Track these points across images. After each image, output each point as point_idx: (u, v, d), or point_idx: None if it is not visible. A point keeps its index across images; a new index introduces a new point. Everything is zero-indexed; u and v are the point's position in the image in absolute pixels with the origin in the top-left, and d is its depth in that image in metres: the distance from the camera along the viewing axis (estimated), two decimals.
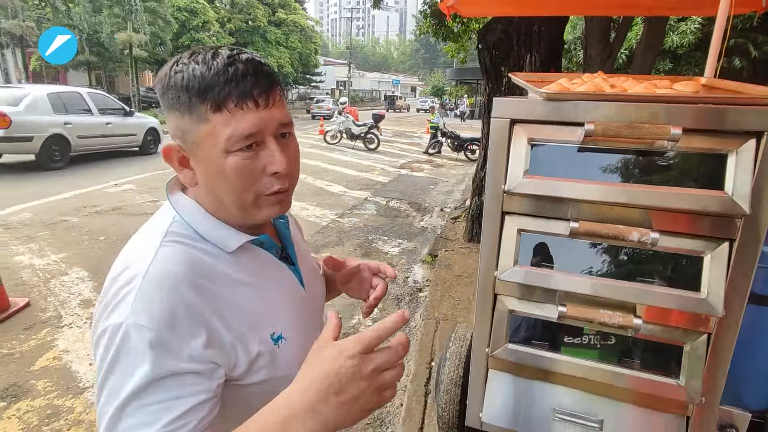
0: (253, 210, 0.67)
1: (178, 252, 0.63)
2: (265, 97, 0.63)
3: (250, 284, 0.69)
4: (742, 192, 1.08)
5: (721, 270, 1.14)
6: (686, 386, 1.20)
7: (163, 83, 0.63)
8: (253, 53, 0.66)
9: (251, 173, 0.64)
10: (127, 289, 0.59)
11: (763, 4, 2.64)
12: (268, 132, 0.64)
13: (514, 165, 1.28)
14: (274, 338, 0.69)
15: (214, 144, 0.62)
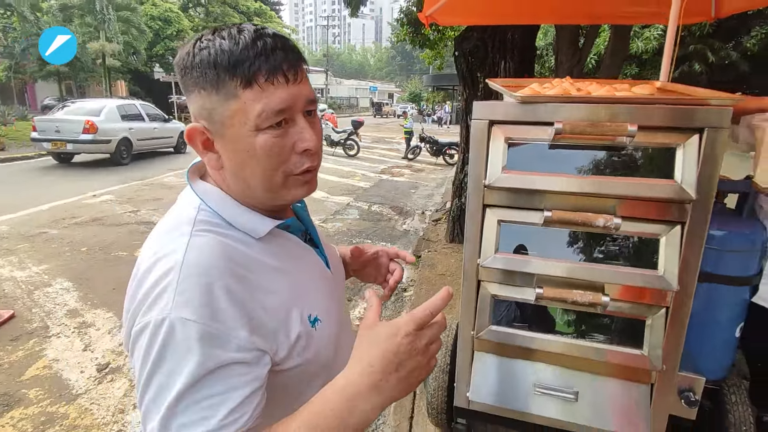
0: (282, 191, 0.66)
1: (211, 242, 0.61)
2: (294, 72, 0.61)
3: (283, 269, 0.68)
4: (689, 180, 1.24)
5: (675, 250, 1.29)
6: (649, 355, 1.34)
7: (185, 62, 0.61)
8: (275, 29, 0.64)
9: (281, 151, 0.62)
10: (165, 282, 0.56)
11: (712, 14, 2.88)
12: (297, 108, 0.63)
13: (493, 162, 1.41)
14: (311, 320, 0.68)
15: (245, 121, 0.59)
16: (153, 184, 8.38)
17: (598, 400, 1.44)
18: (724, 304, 1.60)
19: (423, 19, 3.13)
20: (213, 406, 0.54)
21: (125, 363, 2.87)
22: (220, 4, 28.25)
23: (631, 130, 1.23)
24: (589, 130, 1.27)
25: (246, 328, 0.58)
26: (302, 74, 0.63)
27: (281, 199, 0.67)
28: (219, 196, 0.67)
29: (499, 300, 1.51)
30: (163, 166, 10.61)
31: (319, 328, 0.69)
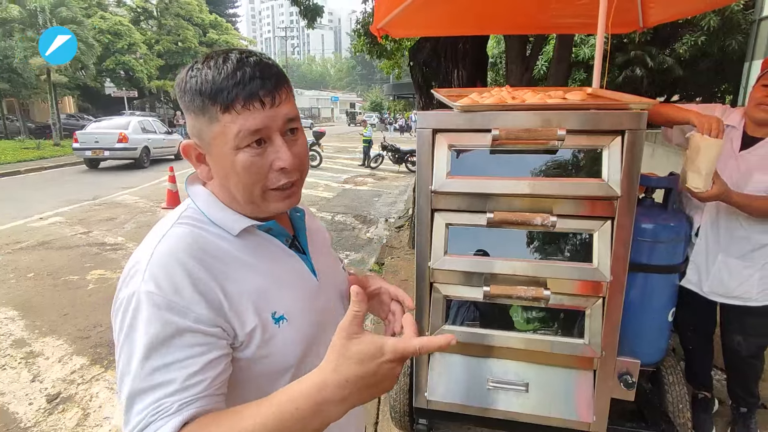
0: (262, 203, 0.72)
1: (185, 231, 0.70)
2: (271, 97, 0.67)
3: (254, 265, 0.73)
4: (615, 178, 1.34)
5: (607, 243, 1.39)
6: (590, 343, 1.44)
7: (180, 87, 0.70)
8: (262, 55, 0.71)
9: (259, 169, 0.69)
10: (139, 265, 0.66)
11: (640, 24, 3.11)
12: (274, 128, 0.69)
13: (438, 168, 1.48)
14: (275, 317, 0.72)
15: (225, 141, 0.67)
16: (105, 204, 8.05)
17: (547, 390, 1.52)
18: (656, 291, 1.73)
19: (375, 31, 3.21)
20: (175, 370, 0.60)
21: (77, 391, 2.75)
22: (173, 16, 27.61)
23: (561, 134, 1.33)
24: (523, 135, 1.36)
25: (204, 306, 0.64)
26: (281, 97, 0.69)
27: (263, 210, 0.74)
28: (206, 197, 0.76)
29: (451, 300, 1.57)
30: (116, 183, 10.20)
31: (284, 327, 0.72)
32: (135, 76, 24.70)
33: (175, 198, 7.50)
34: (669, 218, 1.71)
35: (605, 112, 1.36)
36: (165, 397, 0.59)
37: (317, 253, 0.87)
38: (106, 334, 3.38)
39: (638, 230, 1.68)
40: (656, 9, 2.97)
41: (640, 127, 1.32)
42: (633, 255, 1.65)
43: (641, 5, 2.96)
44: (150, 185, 9.98)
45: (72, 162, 13.86)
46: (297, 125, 0.73)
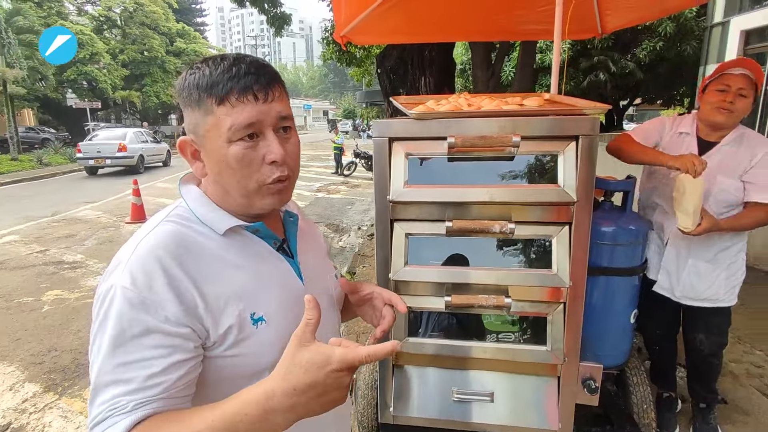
0: (256, 197, 0.74)
1: (171, 229, 0.71)
2: (265, 92, 0.70)
3: (237, 265, 0.74)
4: (570, 184, 1.34)
5: (565, 249, 1.39)
6: (552, 350, 1.43)
7: (180, 85, 0.72)
8: (259, 57, 0.74)
9: (252, 161, 0.70)
10: (121, 259, 0.68)
11: (599, 31, 3.19)
12: (267, 123, 0.71)
13: (395, 177, 1.45)
14: (253, 318, 0.72)
15: (219, 134, 0.69)
16: (65, 220, 7.71)
17: (512, 399, 1.50)
18: (618, 293, 1.74)
19: (338, 39, 3.18)
20: (137, 369, 0.61)
21: (29, 421, 2.58)
22: (138, 25, 26.94)
23: (515, 140, 1.32)
24: (478, 142, 1.35)
25: (176, 305, 0.65)
26: (274, 94, 0.72)
27: (255, 205, 0.75)
28: (197, 196, 0.77)
29: (414, 312, 1.54)
30: (77, 198, 9.80)
31: (261, 328, 0.72)
32: (98, 87, 23.92)
33: (139, 212, 7.25)
34: (628, 221, 1.73)
35: (559, 117, 1.36)
36: (123, 395, 0.60)
37: (308, 258, 0.87)
38: (61, 359, 3.20)
39: (598, 234, 1.69)
40: (613, 16, 3.05)
41: (593, 132, 1.33)
42: (593, 258, 1.66)
43: (599, 13, 3.04)
44: (114, 199, 9.64)
45: (31, 177, 13.31)
46: (290, 124, 0.75)
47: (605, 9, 3.00)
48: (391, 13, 2.83)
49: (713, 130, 1.81)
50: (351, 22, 2.88)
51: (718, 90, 1.76)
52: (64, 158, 17.53)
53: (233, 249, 0.74)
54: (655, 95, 17.83)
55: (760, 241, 4.32)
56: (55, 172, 14.57)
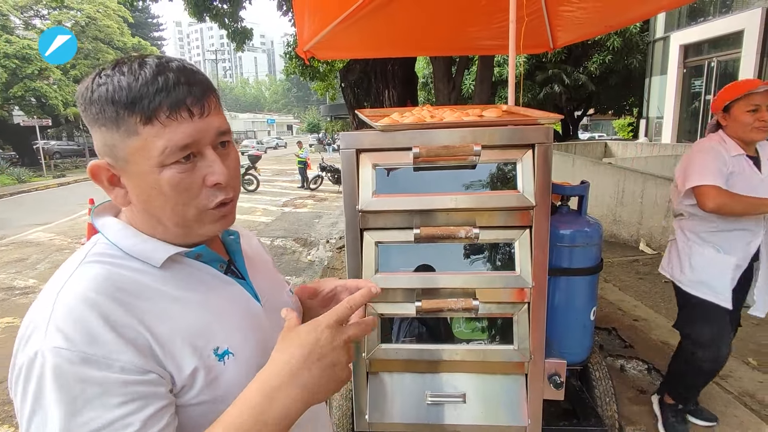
0: (196, 226, 0.64)
1: (95, 271, 0.59)
2: (200, 106, 0.60)
3: (185, 298, 0.64)
4: (529, 189, 1.42)
5: (527, 251, 1.46)
6: (519, 349, 1.49)
7: (84, 97, 0.60)
8: (184, 60, 0.63)
9: (190, 186, 0.61)
10: (39, 316, 0.54)
11: (551, 46, 3.37)
12: (205, 142, 0.61)
13: (363, 188, 1.48)
14: (218, 354, 0.63)
15: (147, 158, 0.58)
16: (15, 243, 7.28)
17: (483, 398, 1.55)
18: (578, 292, 1.83)
19: (302, 53, 3.22)
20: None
21: None
22: (91, 40, 26.04)
23: (476, 149, 1.38)
24: (442, 152, 1.41)
25: (131, 352, 0.54)
26: (210, 107, 0.62)
27: (195, 234, 0.66)
28: (118, 227, 0.66)
29: (386, 318, 1.57)
30: (26, 220, 9.28)
31: (229, 362, 0.64)
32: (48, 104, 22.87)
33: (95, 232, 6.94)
34: (584, 223, 1.84)
35: (516, 127, 1.44)
36: None
37: (258, 276, 0.79)
38: None
39: (557, 236, 1.79)
40: (563, 32, 3.24)
41: (548, 140, 1.42)
42: (554, 260, 1.75)
43: (550, 28, 3.22)
44: (67, 220, 9.19)
45: None
46: (228, 138, 0.66)
47: (556, 25, 3.18)
48: (354, 29, 2.90)
49: (747, 145, 1.94)
50: (314, 37, 2.93)
51: (750, 111, 1.86)
52: (11, 179, 16.59)
53: (176, 281, 0.65)
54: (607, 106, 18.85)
55: None
56: (1, 194, 13.76)
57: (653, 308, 3.70)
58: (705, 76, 10.93)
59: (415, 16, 3.02)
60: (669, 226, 5.03)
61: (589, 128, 35.14)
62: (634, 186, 5.46)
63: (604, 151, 11.26)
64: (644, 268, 4.73)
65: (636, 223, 5.47)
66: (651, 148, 10.34)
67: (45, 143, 19.12)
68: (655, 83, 12.67)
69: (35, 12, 25.63)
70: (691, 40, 11.28)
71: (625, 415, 2.18)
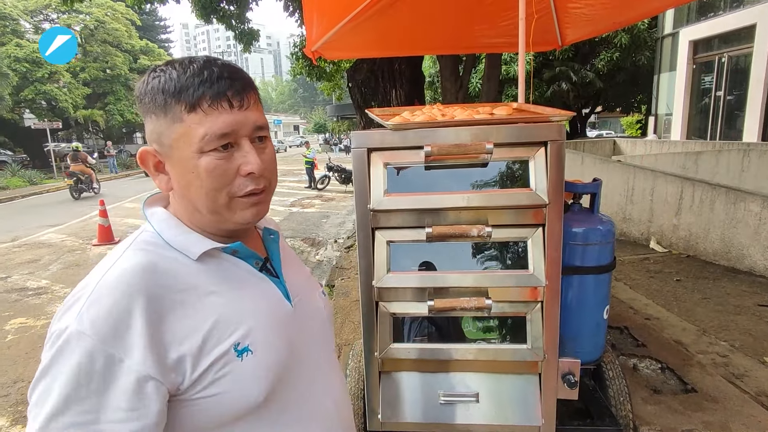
0: (227, 212, 0.66)
1: (137, 259, 0.62)
2: (240, 99, 0.64)
3: (216, 292, 0.66)
4: (542, 187, 1.41)
5: (540, 249, 1.45)
6: (532, 348, 1.48)
7: (140, 89, 0.65)
8: (230, 61, 0.67)
9: (225, 173, 0.64)
10: (80, 293, 0.58)
11: (559, 43, 3.35)
12: (242, 133, 0.64)
13: (375, 187, 1.48)
14: (237, 350, 0.64)
15: (189, 144, 0.62)
16: (27, 245, 7.37)
17: (496, 398, 1.54)
18: (591, 291, 1.82)
19: (309, 54, 3.23)
20: None
21: None
22: (100, 43, 26.30)
23: (489, 147, 1.38)
24: (454, 150, 1.40)
25: (144, 352, 0.56)
26: (250, 101, 0.66)
27: (227, 221, 0.68)
28: (164, 217, 0.69)
29: (398, 317, 1.56)
30: (39, 222, 9.40)
31: (247, 359, 0.64)
32: (59, 106, 23.13)
33: (107, 233, 7.01)
34: (597, 222, 1.82)
35: (528, 125, 1.43)
36: None
37: (292, 275, 0.80)
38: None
39: (569, 234, 1.77)
40: (571, 29, 3.22)
41: (560, 137, 1.40)
42: (566, 259, 1.73)
43: (558, 26, 3.20)
44: (78, 221, 9.28)
45: None
46: (266, 134, 0.69)
47: (564, 23, 3.16)
48: (362, 28, 2.90)
49: None
50: (322, 37, 2.93)
51: None
52: (23, 181, 16.79)
53: (210, 274, 0.67)
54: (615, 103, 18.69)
55: (718, 236, 4.57)
56: (13, 196, 13.93)
57: (665, 307, 3.66)
58: (715, 72, 10.80)
59: (422, 14, 3.01)
60: (680, 224, 4.98)
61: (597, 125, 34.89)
62: (644, 183, 5.41)
63: (613, 149, 11.17)
64: (655, 266, 4.67)
65: (646, 221, 5.42)
66: (660, 146, 10.24)
67: (56, 145, 19.29)
68: (663, 80, 12.55)
69: (45, 16, 25.93)
70: (700, 35, 11.15)
71: (639, 415, 2.15)
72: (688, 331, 3.16)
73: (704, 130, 11.19)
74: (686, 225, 4.92)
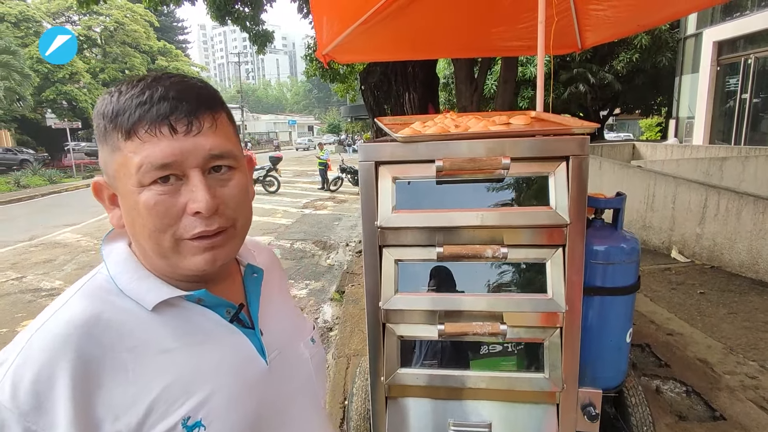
0: (175, 257, 0.57)
1: (80, 309, 0.54)
2: (187, 123, 0.55)
3: (170, 350, 0.57)
4: (563, 205, 1.31)
5: (560, 272, 1.35)
6: (550, 377, 1.38)
7: (93, 112, 0.59)
8: (195, 78, 0.60)
9: (168, 211, 0.55)
10: (7, 354, 0.51)
11: (579, 46, 3.22)
12: (191, 163, 0.55)
13: (383, 202, 1.40)
14: (187, 425, 0.55)
15: (128, 176, 0.54)
16: (44, 244, 7.48)
17: (510, 429, 1.44)
18: (614, 313, 1.70)
19: (321, 57, 3.16)
20: None
21: None
22: (119, 44, 26.78)
23: (505, 162, 1.28)
24: (468, 165, 1.31)
25: (69, 429, 0.49)
26: (202, 125, 0.56)
27: (179, 267, 0.59)
28: (122, 257, 0.61)
29: (406, 341, 1.48)
30: (57, 220, 9.54)
31: None
32: (79, 106, 23.62)
33: None
34: (620, 239, 1.70)
35: (548, 138, 1.33)
36: None
37: (276, 323, 0.71)
38: None
39: (591, 252, 1.66)
40: (592, 32, 3.09)
41: (583, 152, 1.30)
42: (587, 278, 1.62)
43: (578, 29, 3.08)
44: (95, 221, 9.41)
45: (7, 200, 12.96)
46: (228, 163, 0.59)
47: (585, 25, 3.03)
48: (374, 31, 2.82)
49: None
50: (333, 41, 2.86)
51: None
52: (43, 180, 17.16)
53: (167, 328, 0.58)
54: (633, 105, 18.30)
55: (745, 247, 4.37)
56: (33, 195, 14.23)
57: (688, 321, 3.50)
58: (741, 74, 10.45)
59: (437, 17, 2.92)
60: (703, 233, 4.78)
61: (615, 128, 34.25)
62: (665, 190, 5.21)
63: (632, 153, 10.89)
64: (677, 278, 4.49)
65: (668, 229, 5.23)
66: (682, 150, 9.94)
67: (75, 144, 19.67)
68: (686, 82, 12.19)
69: (67, 18, 26.52)
70: (725, 36, 10.81)
71: None
72: (714, 349, 3.00)
73: (728, 134, 10.84)
74: (710, 234, 4.73)
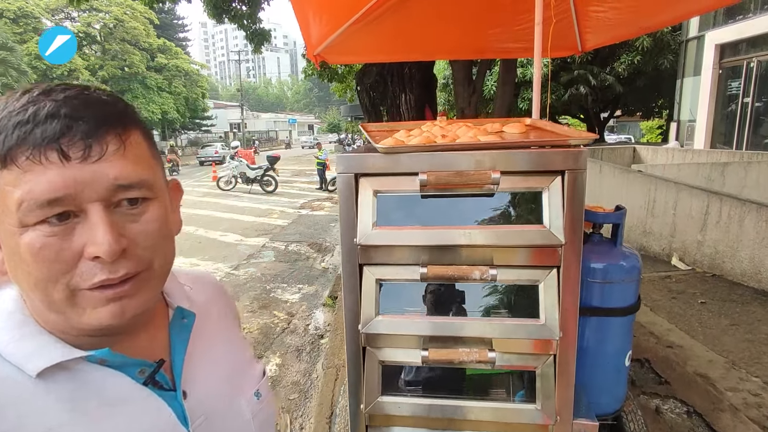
0: (71, 311, 0.46)
1: None
2: (84, 146, 0.43)
3: (60, 426, 0.46)
4: (557, 224, 1.20)
5: (554, 295, 1.24)
6: (543, 409, 1.27)
7: None
8: (96, 90, 0.48)
9: (59, 256, 0.43)
10: None
11: (579, 49, 3.12)
12: (88, 197, 0.44)
13: (363, 218, 1.29)
14: None
15: (7, 213, 0.43)
16: None
17: None
18: (611, 335, 1.60)
19: (312, 58, 3.06)
20: None
21: None
22: (118, 41, 26.65)
23: (495, 177, 1.18)
24: (454, 179, 1.21)
25: None
26: (107, 149, 0.45)
27: (78, 323, 0.47)
28: (9, 309, 0.49)
29: (388, 366, 1.37)
30: None
31: None
32: None
33: None
34: (619, 256, 1.60)
35: (542, 150, 1.23)
36: None
37: (207, 379, 0.59)
38: None
39: (588, 270, 1.56)
40: (592, 34, 2.99)
41: (580, 166, 1.20)
42: (584, 298, 1.52)
43: (578, 31, 2.97)
44: None
45: None
46: (142, 194, 0.47)
47: (585, 27, 2.93)
48: (366, 31, 2.71)
49: None
50: (324, 40, 2.76)
51: None
52: None
53: (56, 400, 0.46)
54: (635, 107, 18.19)
55: (748, 255, 4.27)
56: None
57: (689, 333, 3.39)
58: (743, 78, 10.33)
59: (433, 17, 2.82)
60: (705, 241, 4.68)
61: (616, 130, 34.13)
62: (666, 196, 5.11)
63: (633, 157, 10.78)
64: (678, 286, 4.39)
65: (668, 235, 5.12)
66: (683, 155, 9.83)
67: None
68: (687, 85, 12.07)
69: (66, 14, 26.41)
70: (728, 39, 10.69)
71: None
72: (716, 364, 2.89)
73: (730, 138, 10.73)
74: (712, 242, 4.62)
